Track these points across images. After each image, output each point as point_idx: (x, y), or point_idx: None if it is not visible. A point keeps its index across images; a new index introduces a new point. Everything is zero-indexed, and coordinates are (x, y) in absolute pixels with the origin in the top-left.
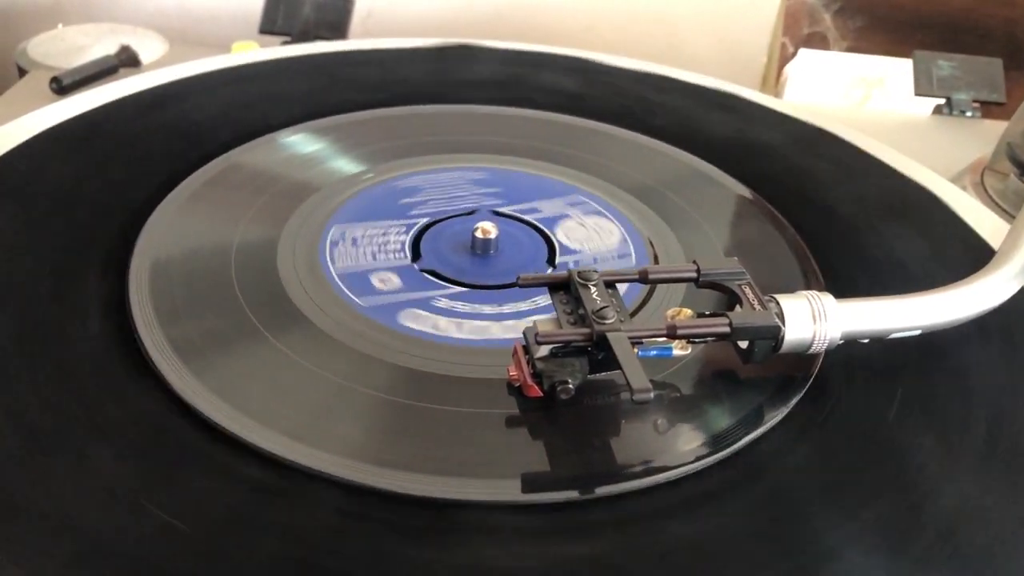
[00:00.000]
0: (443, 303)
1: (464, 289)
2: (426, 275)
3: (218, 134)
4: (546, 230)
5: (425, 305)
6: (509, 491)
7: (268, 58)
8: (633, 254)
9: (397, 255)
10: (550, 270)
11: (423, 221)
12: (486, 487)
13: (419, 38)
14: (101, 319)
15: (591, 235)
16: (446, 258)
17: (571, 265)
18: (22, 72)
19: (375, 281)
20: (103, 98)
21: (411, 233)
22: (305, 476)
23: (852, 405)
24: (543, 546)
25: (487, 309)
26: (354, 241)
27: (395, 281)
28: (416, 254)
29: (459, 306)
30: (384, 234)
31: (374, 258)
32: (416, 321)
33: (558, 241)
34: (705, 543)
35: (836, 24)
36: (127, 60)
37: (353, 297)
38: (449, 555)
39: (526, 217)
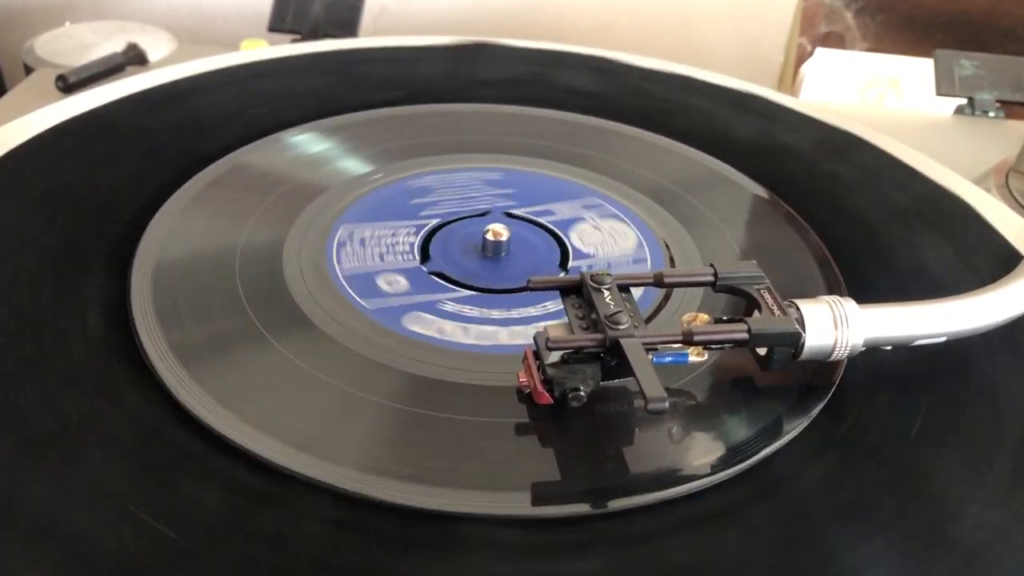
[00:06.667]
0: (452, 307)
1: (474, 293)
2: (435, 278)
3: (224, 133)
4: (559, 232)
5: (433, 309)
6: (517, 504)
7: (275, 56)
8: (649, 257)
9: (406, 257)
10: (562, 274)
11: (433, 223)
12: (493, 499)
13: (431, 36)
14: (101, 322)
15: (606, 238)
16: (456, 261)
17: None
18: (29, 70)
19: (383, 284)
20: (107, 96)
21: (420, 235)
22: (307, 486)
23: (875, 417)
24: (552, 561)
25: (496, 314)
26: (362, 243)
27: (403, 284)
28: (425, 256)
29: (468, 310)
30: (393, 236)
31: (382, 260)
32: (424, 326)
33: (571, 244)
34: (720, 560)
35: (857, 23)
36: (134, 58)
37: (360, 301)
38: (454, 570)
39: (539, 219)
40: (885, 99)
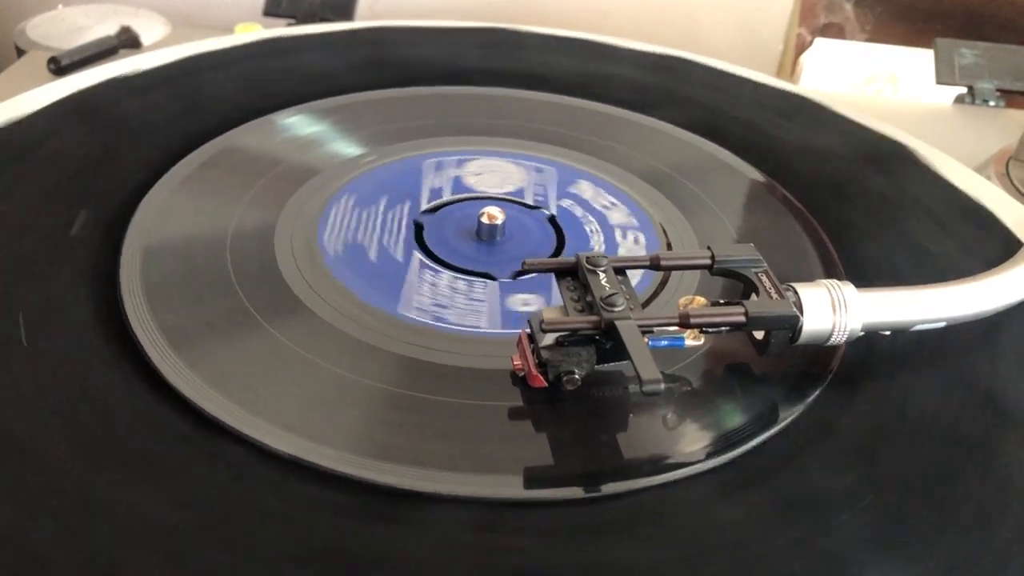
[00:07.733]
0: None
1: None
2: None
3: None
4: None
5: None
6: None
7: (268, 38)
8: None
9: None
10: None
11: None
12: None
13: (426, 20)
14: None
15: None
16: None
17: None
18: (21, 52)
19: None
20: (99, 78)
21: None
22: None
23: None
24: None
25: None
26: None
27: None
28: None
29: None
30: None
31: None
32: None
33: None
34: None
35: (857, 14)
36: (128, 41)
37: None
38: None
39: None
40: (882, 94)
